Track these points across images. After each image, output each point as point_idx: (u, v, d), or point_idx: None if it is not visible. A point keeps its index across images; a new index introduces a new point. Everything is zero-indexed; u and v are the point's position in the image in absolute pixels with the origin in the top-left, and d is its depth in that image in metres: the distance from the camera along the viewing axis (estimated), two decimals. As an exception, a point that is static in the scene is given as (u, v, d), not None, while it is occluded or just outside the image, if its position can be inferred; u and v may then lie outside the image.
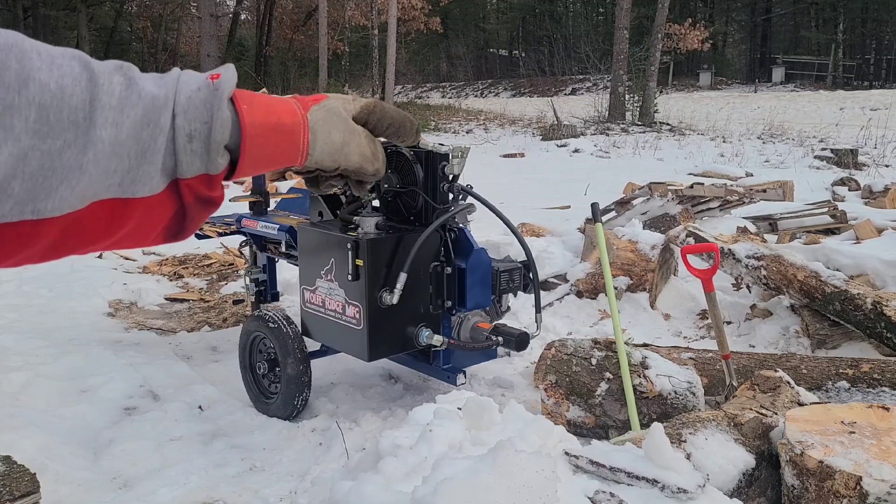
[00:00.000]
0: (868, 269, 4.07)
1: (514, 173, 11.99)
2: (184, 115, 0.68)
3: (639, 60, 20.28)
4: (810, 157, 12.77)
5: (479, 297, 2.87)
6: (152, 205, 0.69)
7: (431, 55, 42.13)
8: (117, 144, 0.63)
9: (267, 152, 0.77)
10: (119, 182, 0.65)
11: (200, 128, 0.69)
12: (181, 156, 0.69)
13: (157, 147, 0.67)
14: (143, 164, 0.66)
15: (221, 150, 0.71)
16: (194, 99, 0.69)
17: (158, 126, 0.66)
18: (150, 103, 0.66)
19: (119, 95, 0.64)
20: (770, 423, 2.29)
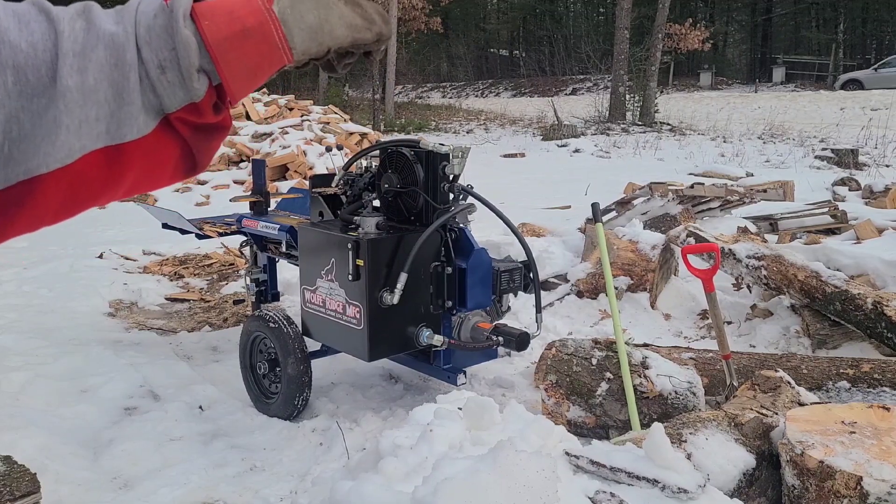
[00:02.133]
0: (868, 269, 4.07)
1: (515, 173, 11.99)
2: (147, 46, 0.65)
3: (639, 60, 20.27)
4: (811, 157, 12.76)
5: (479, 297, 2.87)
6: (149, 146, 0.67)
7: (432, 55, 42.13)
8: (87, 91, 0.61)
9: (247, 63, 0.71)
10: (105, 129, 0.63)
11: (169, 55, 0.65)
12: (159, 89, 0.66)
13: (130, 85, 0.64)
14: (123, 106, 0.64)
15: (195, 75, 0.67)
16: (154, 27, 0.65)
17: (126, 63, 0.64)
18: (110, 42, 0.63)
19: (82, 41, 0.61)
20: (770, 423, 2.29)
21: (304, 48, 0.75)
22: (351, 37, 0.79)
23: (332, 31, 0.77)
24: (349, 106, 20.30)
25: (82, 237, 6.94)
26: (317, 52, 0.77)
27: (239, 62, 0.70)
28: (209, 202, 8.71)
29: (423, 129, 19.30)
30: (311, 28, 0.75)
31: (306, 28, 0.75)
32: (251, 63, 0.71)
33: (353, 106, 21.19)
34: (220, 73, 0.69)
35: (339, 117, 11.39)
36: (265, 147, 9.66)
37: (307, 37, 0.75)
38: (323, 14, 0.77)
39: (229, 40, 0.69)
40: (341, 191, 3.12)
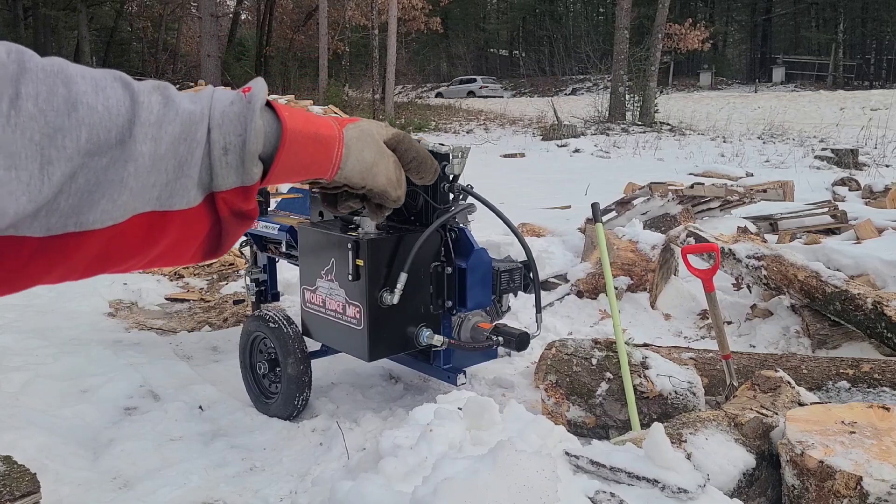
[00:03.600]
0: (868, 269, 4.07)
1: (515, 173, 11.99)
2: (219, 128, 0.71)
3: (639, 60, 20.28)
4: (811, 157, 12.77)
5: (479, 297, 2.87)
6: (189, 218, 0.71)
7: (432, 55, 42.12)
8: (157, 159, 0.66)
9: (302, 159, 0.79)
10: (157, 195, 0.67)
11: (235, 140, 0.71)
12: (217, 169, 0.71)
13: (194, 160, 0.69)
14: (181, 178, 0.69)
15: (256, 160, 0.73)
16: (228, 113, 0.71)
17: (195, 140, 0.69)
18: (187, 119, 0.68)
19: (157, 113, 0.66)
20: (770, 423, 2.29)
21: (349, 175, 0.86)
22: (385, 188, 0.90)
23: (376, 175, 0.88)
24: (349, 106, 20.30)
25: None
26: (353, 184, 0.88)
27: (297, 156, 0.78)
28: (209, 202, 8.70)
29: (423, 129, 19.30)
30: (364, 164, 0.86)
31: (361, 162, 0.86)
32: (304, 161, 0.80)
33: (353, 106, 21.19)
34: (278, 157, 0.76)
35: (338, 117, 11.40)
36: (265, 147, 9.66)
37: (358, 169, 0.86)
38: (378, 159, 0.88)
39: (301, 135, 0.78)
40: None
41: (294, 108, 0.79)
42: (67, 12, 30.30)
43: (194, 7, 29.45)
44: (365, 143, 0.87)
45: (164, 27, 34.52)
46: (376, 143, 0.89)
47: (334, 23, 26.05)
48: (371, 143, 0.88)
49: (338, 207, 0.95)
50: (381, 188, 0.90)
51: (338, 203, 0.94)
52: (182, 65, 33.09)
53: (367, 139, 0.87)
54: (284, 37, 32.54)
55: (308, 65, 29.93)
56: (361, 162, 0.86)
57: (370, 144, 0.88)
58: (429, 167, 0.97)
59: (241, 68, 30.09)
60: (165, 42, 35.10)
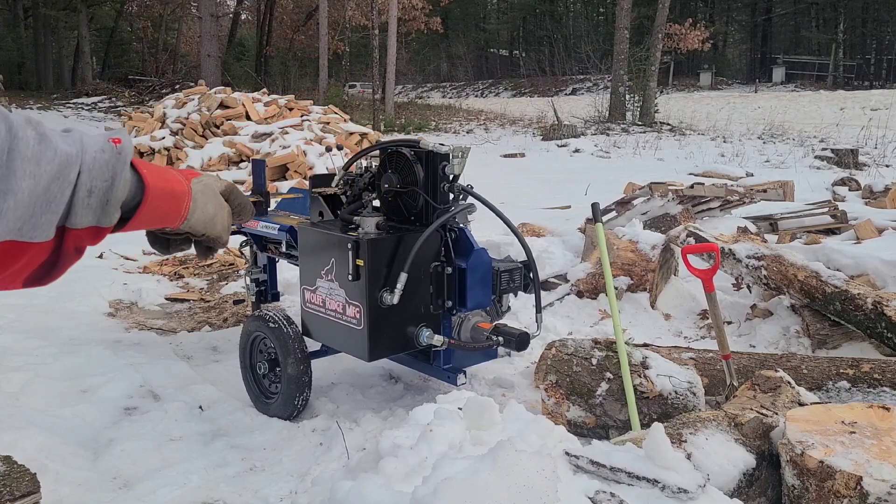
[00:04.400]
0: (868, 269, 4.07)
1: (515, 173, 11.99)
2: (88, 172, 0.75)
3: (639, 60, 20.28)
4: (811, 157, 12.77)
5: (479, 297, 2.87)
6: (39, 249, 0.75)
7: (432, 55, 42.12)
8: (34, 195, 0.69)
9: (158, 212, 0.89)
10: (21, 227, 0.70)
11: (101, 185, 0.77)
12: (77, 208, 0.75)
13: (62, 199, 0.73)
14: (47, 213, 0.72)
15: (118, 207, 0.80)
16: (99, 159, 0.77)
17: (68, 181, 0.73)
18: (64, 160, 0.72)
19: (34, 148, 0.69)
20: (770, 423, 2.29)
21: (193, 225, 0.96)
22: (220, 235, 1.02)
23: (216, 225, 1.00)
24: (349, 106, 20.31)
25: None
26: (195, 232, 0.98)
27: (155, 210, 0.88)
28: (209, 202, 8.70)
29: (423, 129, 19.30)
30: (207, 214, 0.98)
31: (205, 213, 0.97)
32: (159, 214, 0.90)
33: (353, 106, 21.20)
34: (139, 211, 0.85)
35: (339, 117, 11.39)
36: (265, 147, 9.66)
37: (202, 220, 0.97)
38: (218, 210, 1.00)
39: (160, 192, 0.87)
40: (341, 191, 3.12)
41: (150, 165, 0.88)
42: (67, 12, 30.29)
43: (194, 7, 29.42)
44: (208, 196, 0.98)
45: (164, 27, 34.51)
46: (216, 196, 1.00)
47: (334, 23, 26.05)
48: (213, 196, 0.99)
49: (169, 249, 1.04)
50: (217, 235, 1.01)
51: (170, 246, 1.03)
52: (182, 65, 33.07)
53: (209, 193, 0.98)
54: (284, 37, 32.54)
55: (308, 65, 29.94)
56: (205, 213, 0.97)
57: (212, 198, 0.99)
58: (248, 212, 1.11)
59: (241, 68, 30.10)
60: (165, 42, 35.08)
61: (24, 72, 32.16)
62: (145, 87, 24.87)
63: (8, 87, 19.82)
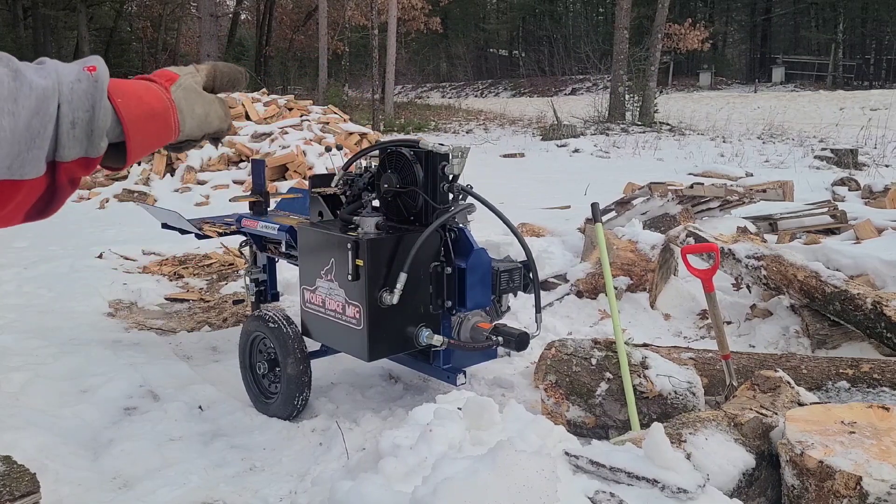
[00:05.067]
0: (868, 269, 4.07)
1: (514, 173, 11.99)
2: (68, 104, 0.75)
3: (639, 60, 20.28)
4: (810, 157, 12.77)
5: (479, 297, 2.87)
6: (33, 185, 0.75)
7: (431, 55, 42.12)
8: (15, 132, 0.70)
9: (147, 137, 0.87)
10: (9, 165, 0.71)
11: (83, 115, 0.76)
12: (63, 140, 0.75)
13: (46, 133, 0.73)
14: (33, 149, 0.72)
15: (103, 135, 0.79)
16: (77, 89, 0.76)
17: (48, 114, 0.73)
18: (41, 94, 0.72)
19: (9, 86, 0.70)
20: (770, 423, 2.29)
21: (190, 132, 0.95)
22: (219, 127, 1.00)
23: (211, 122, 0.98)
24: (349, 106, 20.30)
25: (82, 237, 6.94)
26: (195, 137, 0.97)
27: (142, 136, 0.86)
28: (209, 202, 8.71)
29: (423, 129, 19.30)
30: (198, 118, 0.96)
31: (195, 117, 0.95)
32: (150, 138, 0.88)
33: (352, 106, 21.20)
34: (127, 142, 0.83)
35: (338, 117, 11.39)
36: (265, 147, 9.66)
37: (195, 124, 0.95)
38: (207, 108, 0.98)
39: (139, 118, 0.85)
40: (341, 191, 3.12)
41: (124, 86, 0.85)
42: (67, 12, 30.27)
43: (194, 7, 29.41)
44: (193, 99, 0.95)
45: (164, 27, 34.48)
46: (200, 94, 0.97)
47: (334, 23, 26.04)
48: (196, 96, 0.96)
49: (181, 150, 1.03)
50: (216, 129, 1.00)
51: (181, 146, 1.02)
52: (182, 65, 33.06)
53: (192, 95, 0.95)
54: (284, 37, 32.53)
55: (308, 65, 29.94)
56: (196, 118, 0.95)
57: (198, 98, 0.96)
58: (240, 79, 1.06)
59: (241, 68, 30.05)
60: (165, 42, 35.06)
61: (23, 72, 32.09)
62: (145, 87, 24.80)
63: (7, 87, 19.80)
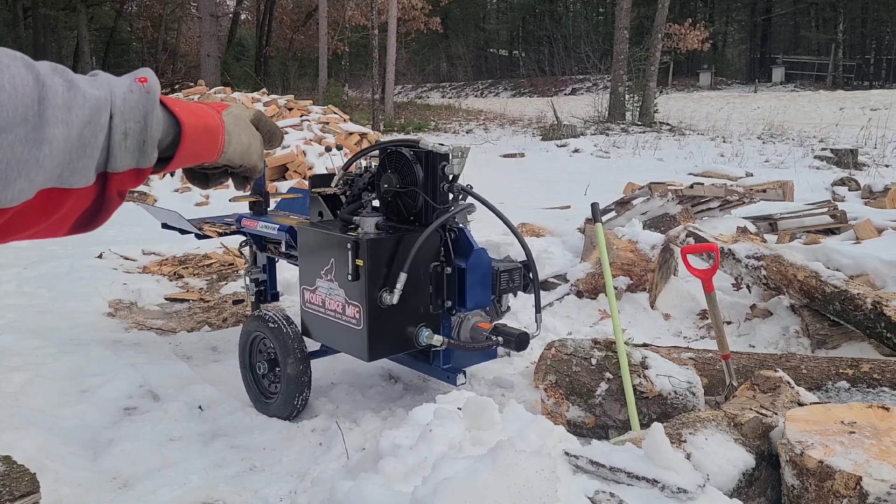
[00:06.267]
0: (868, 269, 4.07)
1: (514, 173, 11.99)
2: (121, 114, 0.75)
3: (639, 60, 20.28)
4: (810, 157, 12.77)
5: (479, 297, 2.87)
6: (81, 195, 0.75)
7: (431, 55, 42.12)
8: (68, 141, 0.70)
9: (196, 149, 0.88)
10: (60, 173, 0.71)
11: (134, 126, 0.77)
12: (115, 151, 0.76)
13: (97, 143, 0.73)
14: (83, 158, 0.72)
15: (155, 147, 0.79)
16: (129, 100, 0.77)
17: (100, 124, 0.73)
18: (94, 104, 0.72)
19: (63, 95, 0.70)
20: (770, 423, 2.29)
21: (230, 157, 0.96)
22: (256, 163, 1.01)
23: (251, 154, 1.00)
24: (349, 106, 20.30)
25: (82, 237, 6.93)
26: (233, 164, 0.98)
27: (193, 146, 0.87)
28: (209, 202, 8.71)
29: (423, 129, 19.30)
30: (242, 145, 0.97)
31: (240, 144, 0.97)
32: (197, 150, 0.89)
33: (352, 106, 21.20)
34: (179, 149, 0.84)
35: (338, 117, 11.39)
36: (265, 147, 9.65)
37: (238, 151, 0.96)
38: (251, 140, 1.00)
39: (195, 128, 0.86)
40: (341, 191, 3.12)
41: (178, 101, 0.87)
42: (67, 12, 30.27)
43: (194, 7, 29.41)
44: (241, 127, 0.97)
45: (164, 27, 34.47)
46: (248, 125, 0.99)
47: (334, 23, 26.04)
48: (245, 126, 0.98)
49: (209, 184, 1.03)
50: (253, 164, 1.01)
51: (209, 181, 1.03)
52: (182, 65, 33.06)
53: (241, 124, 0.98)
54: (284, 37, 32.52)
55: (308, 65, 29.92)
56: (240, 145, 0.96)
57: (244, 128, 0.98)
58: (277, 137, 1.09)
59: (241, 68, 30.06)
60: (165, 42, 35.04)
61: (23, 72, 32.10)
62: (145, 87, 24.80)
63: (7, 87, 19.79)
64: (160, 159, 0.84)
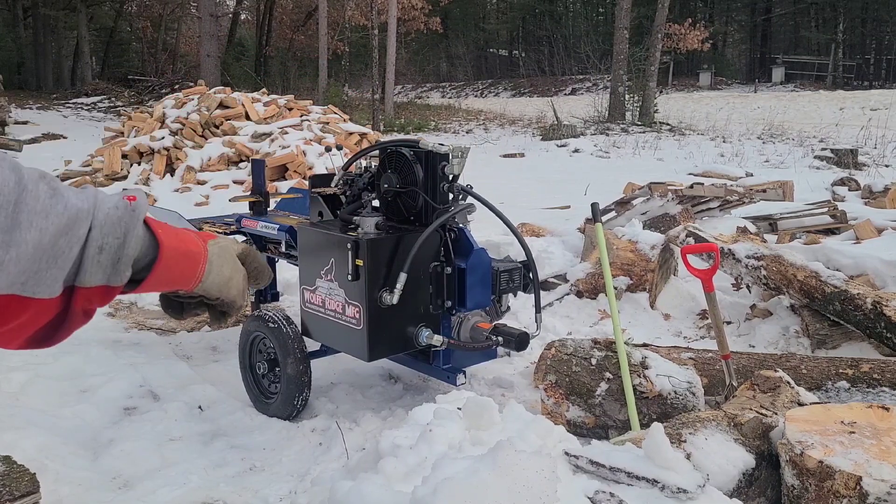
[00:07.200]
0: (868, 269, 4.07)
1: (514, 173, 11.99)
2: (100, 228, 0.74)
3: (639, 60, 20.27)
4: (810, 157, 12.76)
5: (479, 297, 2.87)
6: (43, 307, 0.72)
7: (431, 55, 42.12)
8: (39, 248, 0.67)
9: (172, 273, 0.86)
10: (25, 280, 0.68)
11: (112, 242, 0.75)
12: (87, 265, 0.73)
13: (70, 255, 0.71)
14: (52, 269, 0.70)
15: (129, 265, 0.77)
16: (112, 216, 0.75)
17: (77, 236, 0.71)
18: (74, 214, 0.71)
19: (43, 202, 0.68)
20: (770, 423, 2.29)
21: (209, 289, 0.93)
22: (235, 299, 0.98)
23: (231, 288, 0.97)
24: (349, 106, 20.30)
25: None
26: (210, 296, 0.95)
27: (169, 270, 0.85)
28: (208, 202, 8.70)
29: (423, 129, 19.30)
30: (223, 277, 0.95)
31: (220, 276, 0.94)
32: (173, 275, 0.86)
33: (352, 106, 21.19)
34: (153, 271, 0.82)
35: (338, 117, 11.39)
36: (265, 147, 9.65)
37: (216, 282, 0.94)
38: (234, 274, 0.97)
39: (174, 252, 0.85)
40: (341, 191, 3.12)
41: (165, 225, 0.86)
42: (67, 12, 30.28)
43: (194, 7, 29.40)
44: (224, 259, 0.95)
45: (164, 27, 34.47)
46: (233, 259, 0.97)
47: (334, 23, 26.04)
48: (229, 259, 0.96)
49: (183, 314, 1.01)
50: (232, 299, 0.98)
51: (183, 310, 1.00)
52: (182, 65, 33.06)
53: (226, 256, 0.96)
54: (284, 37, 32.52)
55: (308, 65, 29.92)
56: (220, 276, 0.94)
57: (228, 260, 0.96)
58: (265, 277, 1.07)
59: (241, 68, 30.08)
60: (165, 42, 35.05)
61: (23, 72, 32.14)
62: (145, 87, 24.85)
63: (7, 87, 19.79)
64: (134, 280, 0.81)
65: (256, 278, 1.05)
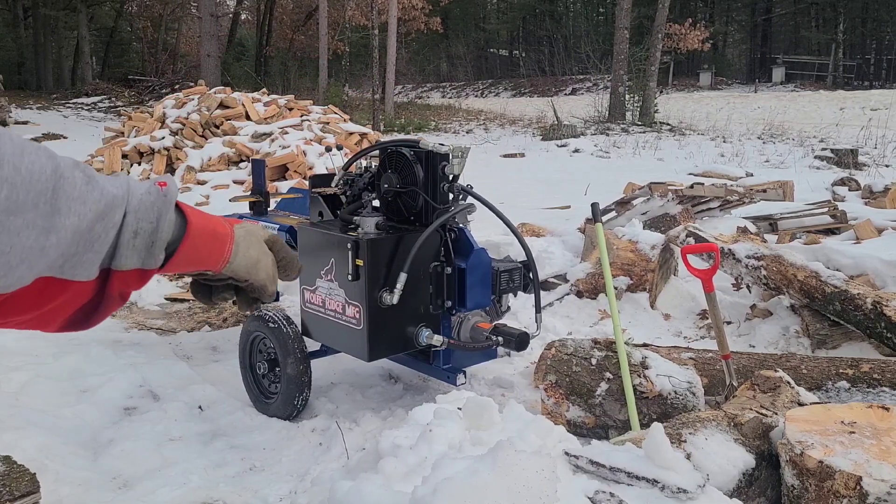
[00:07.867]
0: (868, 269, 4.07)
1: (514, 173, 11.98)
2: (134, 213, 0.76)
3: (639, 60, 20.26)
4: (810, 157, 12.76)
5: (479, 297, 2.87)
6: (79, 289, 0.74)
7: (431, 55, 42.12)
8: (77, 233, 0.70)
9: (200, 252, 0.87)
10: (63, 264, 0.70)
11: (146, 226, 0.77)
12: (122, 250, 0.76)
13: (107, 239, 0.73)
14: (89, 252, 0.72)
15: (163, 249, 0.79)
16: (145, 201, 0.78)
17: (113, 221, 0.74)
18: (110, 200, 0.73)
19: (80, 189, 0.70)
20: (770, 423, 2.29)
21: (237, 269, 0.94)
22: (264, 283, 0.99)
23: (259, 271, 0.97)
24: (349, 106, 20.29)
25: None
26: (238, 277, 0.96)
27: (196, 249, 0.86)
28: (209, 202, 8.70)
29: (423, 129, 19.30)
30: (250, 259, 0.95)
31: (247, 258, 0.95)
32: (201, 254, 0.88)
33: (352, 106, 21.18)
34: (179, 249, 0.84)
35: (338, 117, 11.39)
36: (265, 147, 9.66)
37: (243, 264, 0.95)
38: (261, 256, 0.98)
39: (202, 231, 0.87)
40: (341, 191, 3.12)
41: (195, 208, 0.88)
42: (67, 12, 30.27)
43: (194, 7, 29.40)
44: (251, 241, 0.96)
45: (164, 27, 34.47)
46: (260, 242, 0.98)
47: (334, 23, 26.04)
48: (256, 242, 0.97)
49: (212, 298, 1.01)
50: (262, 283, 0.98)
51: (212, 294, 1.01)
52: (182, 65, 33.05)
53: (252, 239, 0.97)
54: (284, 37, 32.52)
55: (308, 65, 29.93)
56: (248, 258, 0.95)
57: (255, 243, 0.97)
58: (294, 267, 1.07)
59: (241, 68, 30.08)
60: (165, 42, 35.04)
61: (23, 72, 32.14)
62: (145, 87, 24.85)
63: (8, 87, 19.79)
64: None
65: (285, 268, 1.05)
